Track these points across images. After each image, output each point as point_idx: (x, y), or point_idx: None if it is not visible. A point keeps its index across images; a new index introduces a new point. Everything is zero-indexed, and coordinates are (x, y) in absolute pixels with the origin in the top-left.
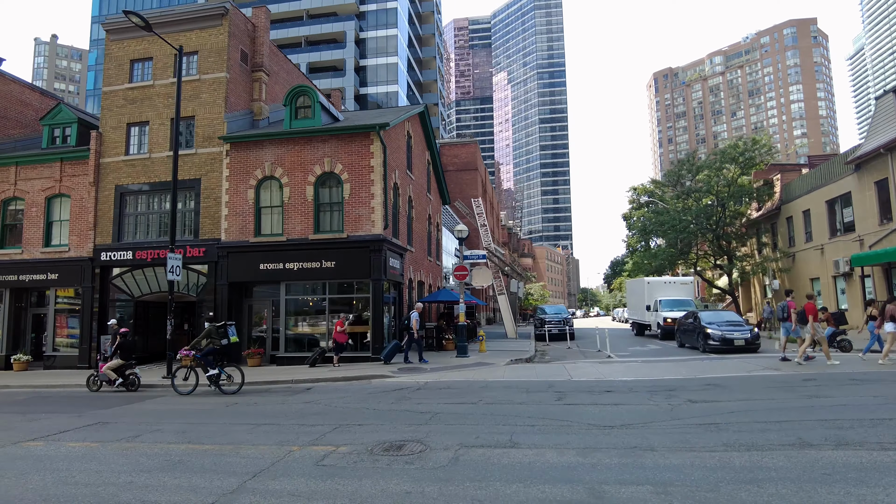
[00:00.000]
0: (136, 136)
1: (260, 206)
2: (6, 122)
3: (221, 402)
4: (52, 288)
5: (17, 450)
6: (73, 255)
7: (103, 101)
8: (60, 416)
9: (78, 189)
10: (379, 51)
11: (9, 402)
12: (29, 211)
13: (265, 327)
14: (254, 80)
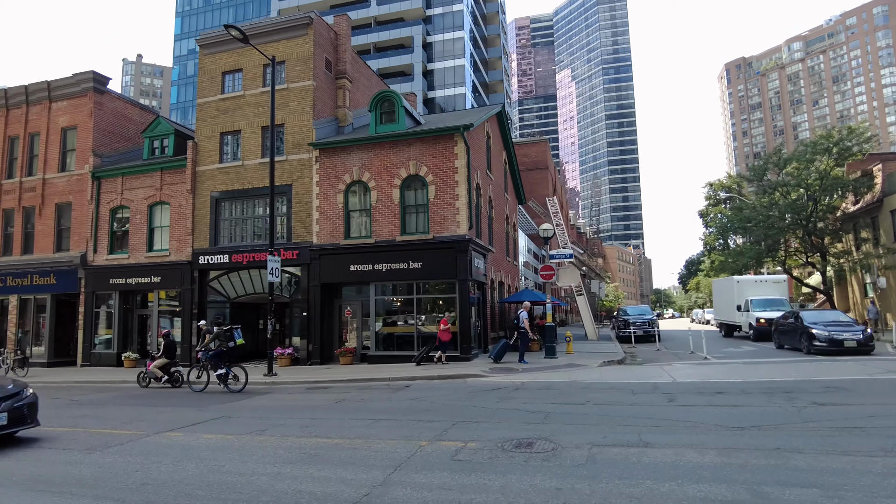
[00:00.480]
0: (229, 144)
1: (349, 210)
2: (112, 137)
3: (329, 399)
4: (156, 290)
5: (162, 439)
6: (173, 259)
7: (198, 112)
8: (184, 409)
9: (176, 196)
10: (446, 54)
11: (132, 395)
12: (134, 218)
13: (356, 326)
14: (337, 88)
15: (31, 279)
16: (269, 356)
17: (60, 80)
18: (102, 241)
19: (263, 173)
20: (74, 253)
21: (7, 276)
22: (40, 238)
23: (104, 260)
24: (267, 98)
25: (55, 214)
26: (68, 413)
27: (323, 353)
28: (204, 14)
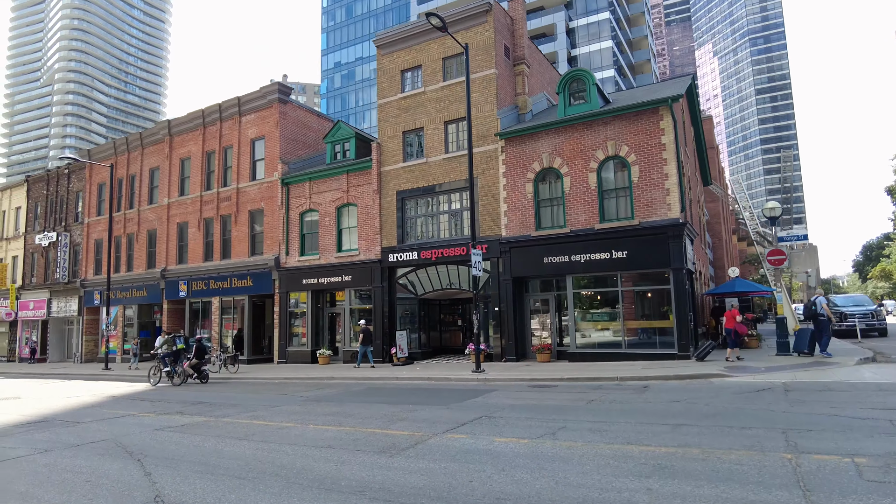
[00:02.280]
0: (412, 142)
1: (539, 199)
2: (295, 144)
3: (573, 399)
4: (346, 289)
5: (452, 441)
6: (362, 259)
7: (379, 112)
8: (429, 407)
9: (363, 197)
10: (590, 37)
11: (354, 392)
12: (322, 220)
13: (549, 322)
14: (516, 74)
15: (230, 282)
16: (476, 352)
17: (249, 95)
18: (294, 244)
19: (448, 168)
20: (268, 256)
21: (210, 280)
22: (236, 243)
23: (296, 261)
24: (449, 93)
25: (249, 221)
26: (318, 410)
27: (517, 349)
28: (347, 27)
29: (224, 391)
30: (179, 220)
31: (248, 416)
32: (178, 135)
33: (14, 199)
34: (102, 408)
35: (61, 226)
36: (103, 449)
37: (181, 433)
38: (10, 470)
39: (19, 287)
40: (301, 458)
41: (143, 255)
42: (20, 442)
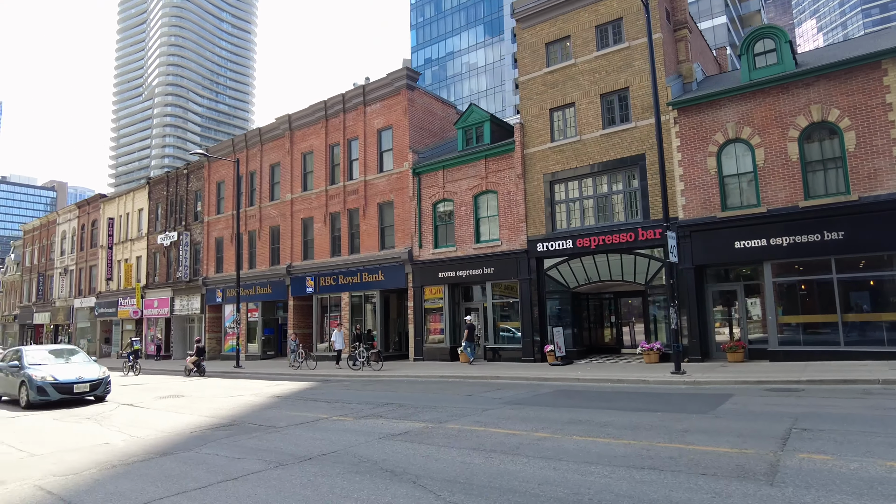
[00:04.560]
0: (561, 120)
1: (723, 175)
2: (423, 133)
3: (864, 405)
4: (487, 282)
5: (824, 465)
6: (505, 249)
7: (521, 91)
8: (682, 415)
9: (504, 183)
10: (702, 14)
11: (549, 394)
12: (458, 210)
13: (737, 316)
14: (677, 40)
15: (360, 277)
16: (675, 351)
17: (374, 83)
18: (427, 236)
19: (607, 146)
20: (399, 249)
21: (338, 275)
22: (365, 237)
23: (430, 254)
24: (605, 62)
25: (378, 213)
26: (542, 416)
27: (701, 347)
28: (437, 22)
29: (392, 389)
30: (304, 215)
31: (468, 422)
32: (298, 129)
33: (136, 201)
34: (280, 409)
35: (182, 225)
36: (350, 464)
37: (419, 443)
38: (259, 488)
39: (144, 286)
40: (631, 484)
41: (266, 251)
42: (234, 451)
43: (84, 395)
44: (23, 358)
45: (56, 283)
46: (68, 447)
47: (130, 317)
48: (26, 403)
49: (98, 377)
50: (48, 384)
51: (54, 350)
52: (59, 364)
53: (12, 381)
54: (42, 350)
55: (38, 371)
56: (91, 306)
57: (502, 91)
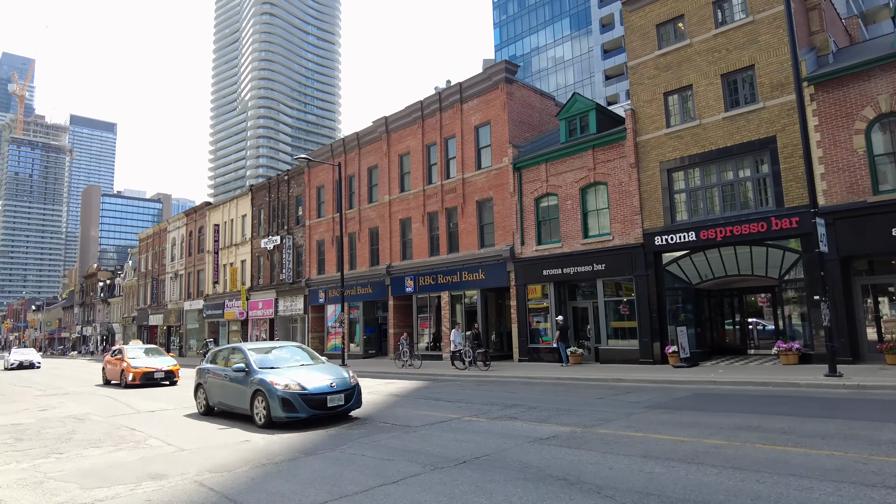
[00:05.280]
0: (677, 104)
1: (874, 155)
2: (522, 127)
3: None
4: (597, 279)
5: None
6: (617, 244)
7: (630, 76)
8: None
9: (614, 174)
10: None
11: (694, 398)
12: (563, 205)
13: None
14: (808, 9)
15: (459, 276)
16: (829, 352)
17: (471, 79)
18: (530, 232)
19: (731, 129)
20: (501, 247)
21: (437, 275)
22: (464, 236)
23: (533, 251)
24: (725, 40)
25: (476, 211)
26: (701, 422)
27: (851, 348)
28: (520, 18)
29: (510, 391)
30: (402, 216)
31: (619, 427)
32: (395, 131)
33: (240, 208)
34: (405, 407)
35: (284, 229)
36: (513, 469)
37: (577, 448)
38: (427, 494)
39: (249, 288)
40: None
41: (365, 253)
42: (379, 452)
43: (337, 410)
44: (250, 359)
45: (168, 287)
46: (212, 443)
47: (237, 318)
48: (266, 421)
49: (351, 384)
50: (294, 395)
51: (271, 348)
52: (298, 368)
53: (239, 391)
54: (260, 347)
55: (278, 377)
56: (199, 308)
57: (591, 84)
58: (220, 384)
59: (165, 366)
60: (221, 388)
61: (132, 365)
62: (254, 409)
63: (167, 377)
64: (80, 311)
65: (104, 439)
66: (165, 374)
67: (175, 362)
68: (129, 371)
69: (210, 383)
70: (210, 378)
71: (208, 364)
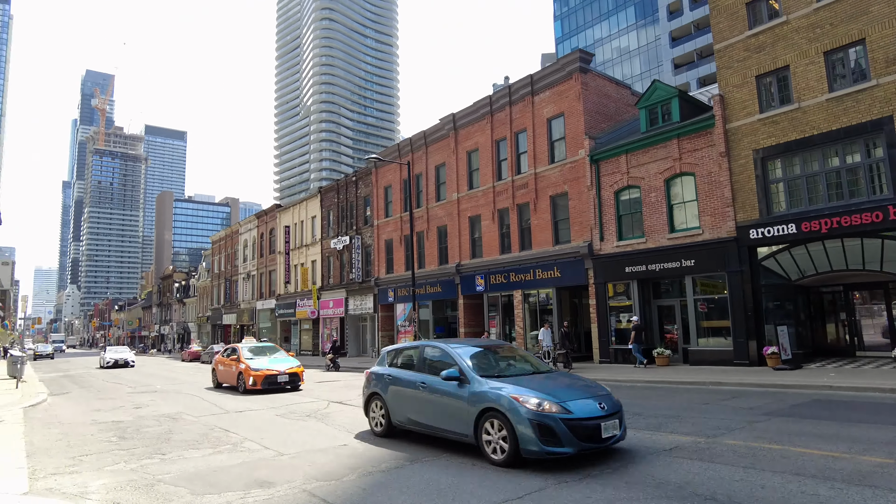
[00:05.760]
0: (771, 87)
1: None
2: (598, 118)
3: None
4: (685, 276)
5: None
6: (707, 238)
7: (717, 60)
8: None
9: (702, 164)
10: None
11: (819, 406)
12: (647, 197)
13: None
14: None
15: (533, 274)
16: None
17: (543, 71)
18: (609, 227)
19: (836, 111)
20: (577, 243)
21: (510, 273)
22: (537, 232)
23: (613, 247)
24: (828, 14)
25: (550, 207)
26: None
27: None
28: (582, 9)
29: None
30: (471, 213)
31: (745, 437)
32: (462, 128)
33: (309, 209)
34: None
35: (353, 229)
36: (645, 485)
37: (709, 462)
38: None
39: (319, 288)
40: None
41: (434, 251)
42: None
43: (611, 442)
44: (463, 362)
45: (240, 287)
46: (311, 447)
47: (308, 317)
48: (506, 457)
49: (617, 406)
50: (556, 420)
51: (482, 346)
52: (534, 378)
53: (451, 409)
54: (461, 344)
55: (522, 392)
56: (272, 308)
57: (659, 73)
58: (412, 396)
59: (288, 367)
60: (416, 401)
61: (252, 367)
62: (481, 437)
63: (291, 381)
64: (157, 310)
65: (201, 441)
66: (290, 377)
67: (298, 363)
68: (248, 374)
69: (394, 394)
70: (395, 387)
71: (387, 367)
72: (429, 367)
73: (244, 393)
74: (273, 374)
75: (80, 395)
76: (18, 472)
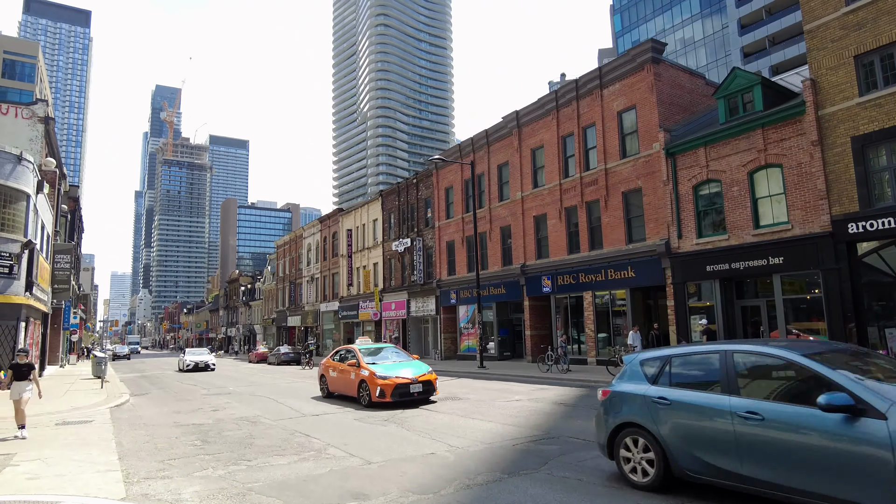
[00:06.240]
0: (873, 67)
1: None
2: (672, 109)
3: None
4: (774, 274)
5: None
6: (798, 234)
7: (808, 42)
8: None
9: (791, 154)
10: None
11: None
12: (728, 192)
13: None
14: None
15: (604, 274)
16: None
17: (611, 63)
18: (688, 224)
19: None
20: (652, 242)
21: (579, 273)
22: (608, 231)
23: (693, 245)
24: None
25: (622, 203)
26: None
27: None
28: (643, 1)
29: None
30: (535, 212)
31: None
32: (526, 125)
33: (371, 212)
34: (579, 419)
35: (414, 232)
36: None
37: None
38: None
39: (381, 290)
40: None
41: (497, 252)
42: (597, 477)
43: None
44: (857, 385)
45: (304, 290)
46: (397, 455)
47: (371, 318)
48: None
49: None
50: None
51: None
52: None
53: (855, 458)
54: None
55: None
56: (335, 310)
57: (727, 63)
58: (730, 433)
59: (420, 373)
60: (741, 442)
61: (378, 374)
62: None
63: (424, 391)
64: (224, 313)
65: (284, 446)
66: (423, 386)
67: (429, 367)
68: (374, 383)
69: (680, 429)
70: (675, 417)
71: (648, 385)
72: (754, 388)
73: (368, 406)
74: (405, 382)
75: (159, 395)
76: (113, 475)
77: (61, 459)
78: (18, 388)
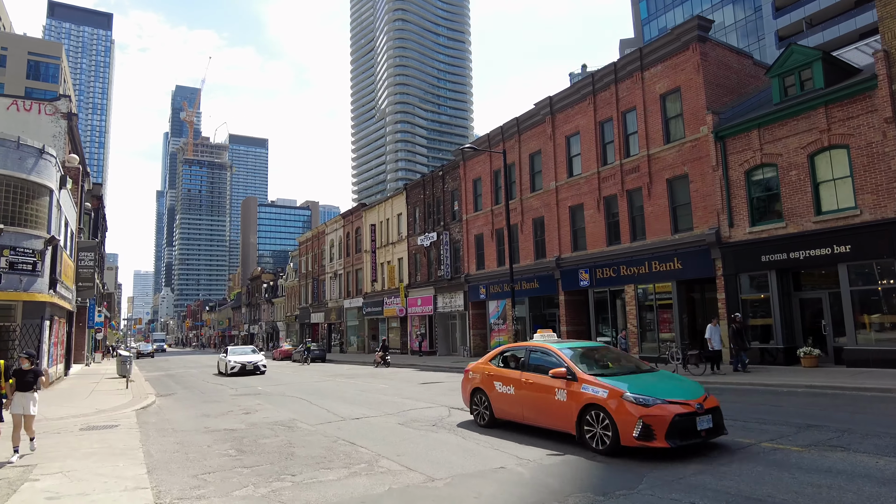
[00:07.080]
0: None
1: None
2: (720, 91)
3: None
4: (840, 264)
5: None
6: (867, 220)
7: (880, 9)
8: None
9: (859, 134)
10: None
11: None
12: (785, 176)
13: None
14: None
15: (648, 266)
16: None
17: (654, 44)
18: (740, 212)
19: None
20: (701, 231)
21: (619, 266)
22: (651, 220)
23: (745, 234)
24: None
25: (667, 191)
26: None
27: None
28: None
29: (761, 401)
30: (571, 203)
31: None
32: (560, 111)
33: (395, 207)
34: None
35: (440, 225)
36: None
37: None
38: None
39: (407, 285)
40: None
41: (529, 245)
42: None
43: None
44: None
45: (327, 286)
46: (460, 469)
47: (396, 315)
48: None
49: None
50: None
51: None
52: None
53: None
54: None
55: None
56: (359, 306)
57: (759, 48)
58: None
59: (698, 396)
60: None
61: (630, 397)
62: None
63: (716, 426)
64: (246, 310)
65: (329, 457)
66: (712, 417)
67: (699, 384)
68: (624, 412)
69: None
70: None
71: None
72: None
73: (605, 453)
74: (686, 412)
75: (185, 396)
76: (142, 494)
77: (86, 473)
78: (22, 400)
